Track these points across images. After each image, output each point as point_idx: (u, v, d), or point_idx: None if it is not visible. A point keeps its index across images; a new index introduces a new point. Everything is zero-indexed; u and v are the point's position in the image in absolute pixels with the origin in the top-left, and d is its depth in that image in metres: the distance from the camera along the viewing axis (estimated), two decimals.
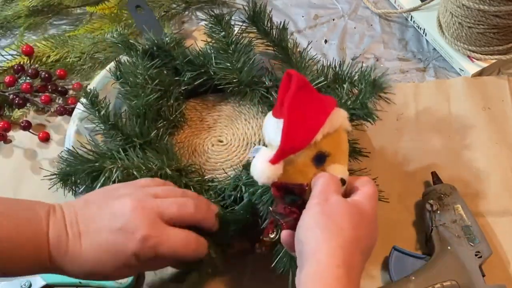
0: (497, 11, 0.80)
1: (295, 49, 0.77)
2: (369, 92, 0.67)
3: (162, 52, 0.75)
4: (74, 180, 0.64)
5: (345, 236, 0.51)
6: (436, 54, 0.92)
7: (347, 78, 0.72)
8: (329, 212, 0.52)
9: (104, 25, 0.97)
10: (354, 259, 0.51)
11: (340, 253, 0.50)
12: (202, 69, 0.75)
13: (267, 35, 0.76)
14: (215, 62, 0.74)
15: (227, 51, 0.75)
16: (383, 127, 0.83)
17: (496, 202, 0.75)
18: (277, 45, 0.76)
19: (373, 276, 0.71)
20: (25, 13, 1.01)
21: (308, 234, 0.52)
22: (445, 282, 0.65)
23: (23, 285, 0.72)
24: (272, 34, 0.76)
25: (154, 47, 0.74)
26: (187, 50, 0.76)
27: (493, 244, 0.71)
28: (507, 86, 0.86)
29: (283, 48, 0.75)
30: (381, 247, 0.72)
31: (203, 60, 0.75)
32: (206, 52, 0.76)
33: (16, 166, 0.85)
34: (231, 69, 0.74)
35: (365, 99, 0.67)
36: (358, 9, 1.00)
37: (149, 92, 0.72)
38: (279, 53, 0.76)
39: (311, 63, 0.75)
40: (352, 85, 0.71)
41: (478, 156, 0.80)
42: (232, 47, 0.74)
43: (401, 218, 0.75)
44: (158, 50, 0.74)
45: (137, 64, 0.73)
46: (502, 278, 0.69)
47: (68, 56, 0.93)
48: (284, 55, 0.75)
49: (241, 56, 0.74)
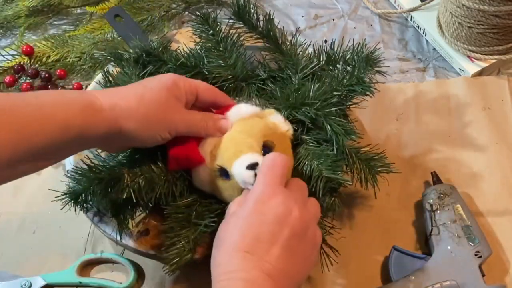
0: (497, 11, 0.80)
1: (284, 37, 0.77)
2: (363, 67, 0.69)
3: (152, 58, 0.74)
4: (84, 198, 0.64)
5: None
6: (436, 54, 0.92)
7: (340, 58, 0.73)
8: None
9: (104, 25, 0.97)
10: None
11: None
12: (195, 69, 0.75)
13: (255, 28, 0.76)
14: (207, 61, 0.74)
15: (218, 49, 0.74)
16: (383, 127, 0.83)
17: (496, 202, 0.75)
18: (265, 36, 0.76)
19: (373, 276, 0.71)
20: (25, 13, 1.01)
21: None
22: (445, 282, 0.65)
23: (23, 285, 0.72)
24: (259, 26, 0.76)
25: (143, 54, 0.73)
26: (178, 53, 0.76)
27: (493, 244, 0.71)
28: (507, 86, 0.86)
29: (272, 38, 0.75)
30: (381, 247, 0.72)
31: (195, 60, 0.75)
32: (197, 52, 0.75)
33: None
34: (225, 66, 0.73)
35: (360, 73, 0.69)
36: (358, 9, 1.00)
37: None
38: (269, 44, 0.76)
39: (302, 50, 0.75)
40: (346, 63, 0.72)
41: (478, 156, 0.80)
42: (223, 44, 0.74)
43: (401, 218, 0.75)
44: (148, 56, 0.73)
45: (130, 73, 0.72)
46: (502, 278, 0.70)
47: (68, 56, 0.93)
48: (274, 45, 0.75)
49: (233, 52, 0.74)
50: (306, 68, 0.71)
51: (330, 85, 0.69)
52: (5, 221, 0.80)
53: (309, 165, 0.65)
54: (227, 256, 0.53)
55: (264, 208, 0.54)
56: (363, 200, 0.77)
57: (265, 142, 0.63)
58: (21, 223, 0.79)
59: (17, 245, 0.78)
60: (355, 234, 0.74)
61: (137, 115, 0.58)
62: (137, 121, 0.58)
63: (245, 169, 0.59)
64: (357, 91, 0.69)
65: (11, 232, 0.79)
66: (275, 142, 0.63)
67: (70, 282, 0.73)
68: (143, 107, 0.59)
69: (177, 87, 0.62)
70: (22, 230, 0.79)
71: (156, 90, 0.60)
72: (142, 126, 0.59)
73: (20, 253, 0.77)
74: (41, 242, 0.77)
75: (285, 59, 0.74)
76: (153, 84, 0.61)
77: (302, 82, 0.70)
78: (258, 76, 0.75)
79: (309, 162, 0.65)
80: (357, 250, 0.73)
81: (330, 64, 0.73)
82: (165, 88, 0.61)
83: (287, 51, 0.74)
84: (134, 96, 0.59)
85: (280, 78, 0.73)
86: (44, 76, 0.89)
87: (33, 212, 0.80)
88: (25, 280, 0.73)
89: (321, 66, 0.73)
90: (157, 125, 0.60)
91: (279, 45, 0.75)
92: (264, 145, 0.63)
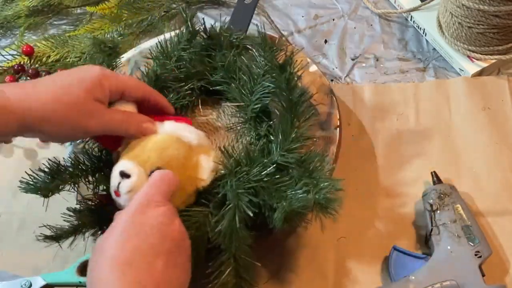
0: (497, 11, 0.80)
1: (302, 119, 0.69)
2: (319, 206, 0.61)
3: (216, 43, 0.76)
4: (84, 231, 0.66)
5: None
6: (436, 54, 0.92)
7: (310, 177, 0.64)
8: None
9: (104, 25, 0.97)
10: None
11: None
12: (230, 80, 0.75)
13: (270, 61, 0.72)
14: (239, 81, 0.73)
15: (255, 80, 0.72)
16: (383, 127, 0.83)
17: (496, 202, 0.75)
18: (290, 103, 0.69)
19: (373, 276, 0.71)
20: (25, 13, 1.01)
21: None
22: (445, 282, 0.65)
23: (23, 285, 0.72)
24: (293, 94, 0.69)
25: (214, 34, 0.76)
26: (231, 56, 0.75)
27: (493, 244, 0.71)
28: (507, 86, 0.86)
29: (293, 112, 0.68)
30: (381, 247, 0.72)
31: (235, 71, 0.74)
32: (242, 66, 0.74)
33: (16, 166, 0.85)
34: (245, 97, 0.73)
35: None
36: (358, 9, 1.00)
37: (170, 68, 0.73)
38: (287, 112, 0.69)
39: (301, 141, 0.68)
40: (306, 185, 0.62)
41: (478, 156, 0.80)
42: (258, 80, 0.72)
43: (401, 218, 0.75)
44: (214, 39, 0.76)
45: (181, 41, 0.74)
46: (502, 278, 0.70)
47: (68, 56, 0.93)
48: (289, 115, 0.68)
49: (259, 93, 0.71)
50: (284, 157, 0.65)
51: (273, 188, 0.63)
52: (5, 221, 0.80)
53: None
54: (107, 270, 0.50)
55: (143, 219, 0.53)
56: (363, 200, 0.77)
57: (160, 167, 0.60)
58: (21, 223, 0.79)
59: (17, 245, 0.78)
60: (355, 234, 0.74)
61: (52, 120, 0.58)
62: (51, 126, 0.58)
63: (117, 171, 0.60)
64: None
65: (11, 232, 0.79)
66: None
67: (70, 282, 0.73)
68: (59, 112, 0.58)
69: (101, 87, 0.60)
70: (22, 230, 0.79)
71: (75, 93, 0.59)
72: (56, 130, 0.59)
73: (20, 253, 0.77)
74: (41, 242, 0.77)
75: (281, 137, 0.68)
76: (74, 83, 0.59)
77: (270, 164, 0.65)
78: (260, 128, 0.73)
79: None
80: (357, 250, 0.73)
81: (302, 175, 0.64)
82: (85, 90, 0.59)
83: (288, 131, 0.68)
84: (51, 99, 0.58)
85: (270, 145, 0.69)
86: (44, 76, 0.89)
87: (33, 212, 0.80)
88: (25, 280, 0.73)
89: (295, 169, 0.65)
90: (71, 130, 0.60)
91: (291, 119, 0.69)
92: (159, 168, 0.60)
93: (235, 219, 0.60)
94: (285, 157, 0.65)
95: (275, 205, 0.60)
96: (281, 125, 0.68)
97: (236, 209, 0.60)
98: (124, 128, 0.62)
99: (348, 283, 0.71)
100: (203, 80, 0.77)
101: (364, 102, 0.87)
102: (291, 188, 0.62)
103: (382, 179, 0.78)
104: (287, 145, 0.66)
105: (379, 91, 0.88)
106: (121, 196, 0.60)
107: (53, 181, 0.66)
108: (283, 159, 0.65)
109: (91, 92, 0.59)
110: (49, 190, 0.66)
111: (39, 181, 0.66)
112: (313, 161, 0.65)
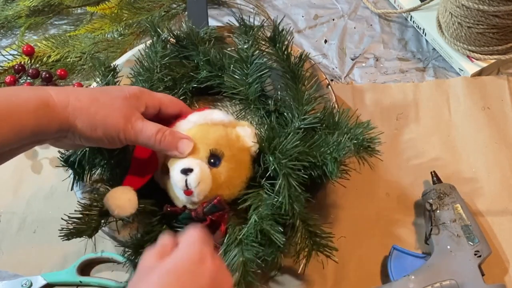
0: (496, 11, 0.80)
1: (306, 82, 0.74)
2: (357, 149, 0.66)
3: (189, 44, 0.76)
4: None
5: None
6: (436, 54, 0.92)
7: (340, 128, 0.69)
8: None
9: (104, 25, 0.97)
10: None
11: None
12: (218, 72, 0.75)
13: (282, 59, 0.74)
14: (231, 70, 0.74)
15: (246, 63, 0.73)
16: (383, 127, 0.83)
17: (495, 202, 0.76)
18: (291, 71, 0.73)
19: (373, 275, 0.71)
20: (25, 13, 1.01)
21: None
22: (445, 281, 0.65)
23: (23, 284, 0.73)
24: (290, 61, 0.73)
25: (183, 36, 0.76)
26: (212, 50, 0.76)
27: (492, 243, 0.71)
28: (507, 85, 0.86)
29: (296, 77, 0.73)
30: (381, 247, 0.72)
31: (221, 63, 0.74)
32: (226, 57, 0.75)
33: (16, 166, 0.85)
34: (241, 81, 0.73)
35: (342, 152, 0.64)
36: (358, 9, 1.00)
37: (156, 79, 0.74)
38: (290, 80, 0.73)
39: (313, 101, 0.72)
40: (341, 135, 0.67)
41: (478, 156, 0.80)
42: (249, 61, 0.73)
43: (401, 218, 0.75)
44: (185, 40, 0.75)
45: (156, 50, 0.75)
46: (502, 278, 0.70)
47: (68, 56, 0.93)
48: (293, 83, 0.73)
49: (254, 73, 0.73)
50: (306, 120, 0.69)
51: (310, 149, 0.66)
52: (5, 220, 0.80)
53: (254, 210, 0.64)
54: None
55: (198, 269, 0.50)
56: (363, 200, 0.77)
57: (213, 150, 0.63)
58: (21, 222, 0.80)
59: (18, 245, 0.78)
60: (355, 234, 0.74)
61: (87, 115, 0.59)
62: (85, 121, 0.59)
63: (179, 172, 0.61)
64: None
65: (12, 231, 0.79)
66: (227, 152, 0.64)
67: (70, 281, 0.73)
68: (94, 108, 0.59)
69: (137, 98, 0.62)
70: (23, 230, 0.79)
71: (112, 96, 0.61)
72: (89, 126, 0.59)
73: (21, 252, 0.77)
74: (42, 242, 0.77)
75: (294, 104, 0.72)
76: (112, 91, 0.63)
77: (296, 131, 0.68)
78: (267, 105, 0.74)
79: (255, 205, 0.65)
80: (357, 250, 0.73)
81: (330, 129, 0.69)
82: (123, 96, 0.61)
83: (301, 96, 0.71)
84: (88, 97, 0.60)
85: (283, 117, 0.72)
86: (44, 76, 0.89)
87: (33, 211, 0.80)
88: (25, 279, 0.73)
89: (320, 128, 0.70)
90: (104, 128, 0.60)
91: (297, 88, 0.72)
92: (213, 153, 0.63)
93: (292, 186, 0.62)
94: (307, 120, 0.69)
95: (323, 161, 0.64)
96: (290, 93, 0.72)
97: (289, 177, 0.63)
98: (158, 140, 0.62)
99: (348, 283, 0.71)
100: (192, 81, 0.77)
101: (364, 102, 0.87)
102: (328, 143, 0.66)
103: (382, 179, 0.79)
104: (304, 109, 0.70)
105: (379, 91, 0.88)
106: (193, 192, 0.61)
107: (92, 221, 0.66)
108: (307, 122, 0.69)
109: (129, 100, 0.62)
110: (93, 229, 0.66)
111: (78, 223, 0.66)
112: (334, 115, 0.70)
